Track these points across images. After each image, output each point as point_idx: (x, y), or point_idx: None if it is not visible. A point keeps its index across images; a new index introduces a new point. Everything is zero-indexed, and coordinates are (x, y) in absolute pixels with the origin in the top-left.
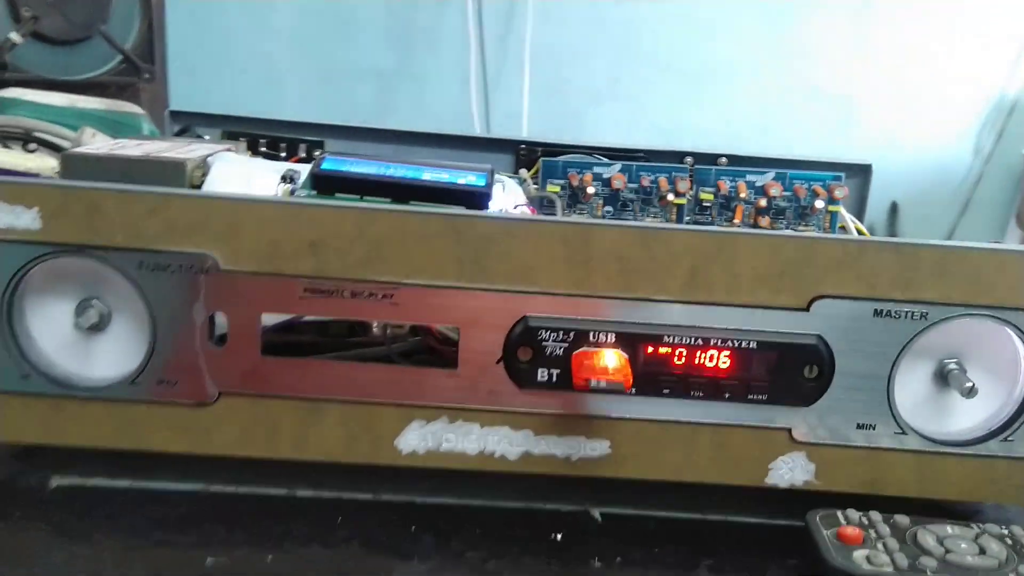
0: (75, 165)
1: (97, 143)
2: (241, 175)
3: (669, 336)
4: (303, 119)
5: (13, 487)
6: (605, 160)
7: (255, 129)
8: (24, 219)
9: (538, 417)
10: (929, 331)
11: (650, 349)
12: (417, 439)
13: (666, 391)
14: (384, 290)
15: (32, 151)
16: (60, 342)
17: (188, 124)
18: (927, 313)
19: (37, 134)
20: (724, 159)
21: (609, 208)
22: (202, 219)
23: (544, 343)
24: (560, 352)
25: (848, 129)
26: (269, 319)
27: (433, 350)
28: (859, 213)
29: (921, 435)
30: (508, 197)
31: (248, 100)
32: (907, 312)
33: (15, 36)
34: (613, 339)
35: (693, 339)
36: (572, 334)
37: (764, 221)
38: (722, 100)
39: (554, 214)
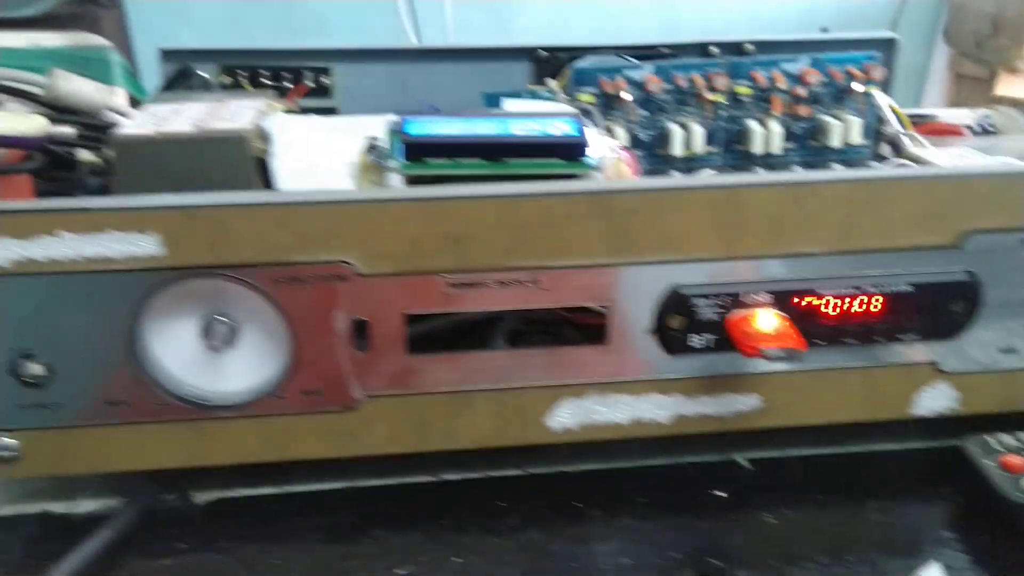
0: (130, 151)
1: (74, 86)
2: (308, 142)
3: (821, 288)
4: (300, 46)
5: (158, 510)
6: (635, 62)
7: (254, 61)
8: (145, 246)
9: (689, 381)
10: None
11: (803, 302)
12: (568, 416)
13: (818, 342)
14: (530, 276)
15: None
16: (189, 363)
17: (185, 64)
18: None
19: (2, 83)
20: (751, 46)
21: (645, 112)
22: (335, 225)
23: (696, 309)
24: (714, 316)
25: None
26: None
27: (575, 323)
28: (885, 87)
29: None
30: (603, 141)
31: None
32: None
33: None
34: (767, 299)
35: (845, 288)
36: (725, 298)
37: (804, 110)
38: None
39: (594, 125)
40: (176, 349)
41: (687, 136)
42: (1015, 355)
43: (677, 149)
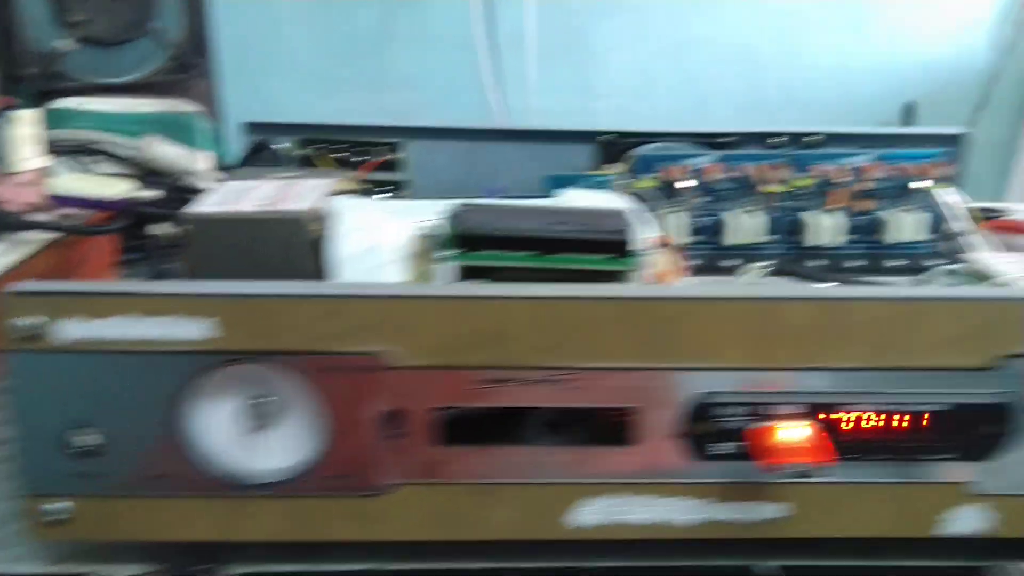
0: (200, 227)
1: (163, 151)
2: (370, 225)
3: (849, 403)
4: (375, 122)
5: None
6: (700, 150)
7: (332, 135)
8: (196, 330)
9: (714, 486)
10: None
11: (830, 417)
12: (592, 513)
13: (846, 456)
14: (562, 376)
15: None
16: (228, 442)
17: (265, 137)
18: None
19: (96, 146)
20: (821, 136)
21: (704, 200)
22: (379, 319)
23: (722, 418)
24: (739, 426)
25: (861, 27)
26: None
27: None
28: (956, 180)
29: None
30: (646, 233)
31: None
32: None
33: (62, 44)
34: (794, 410)
35: (873, 405)
36: (752, 408)
37: (866, 204)
38: (729, 8)
39: (650, 211)
40: (217, 427)
41: (742, 226)
42: None
43: (731, 238)
